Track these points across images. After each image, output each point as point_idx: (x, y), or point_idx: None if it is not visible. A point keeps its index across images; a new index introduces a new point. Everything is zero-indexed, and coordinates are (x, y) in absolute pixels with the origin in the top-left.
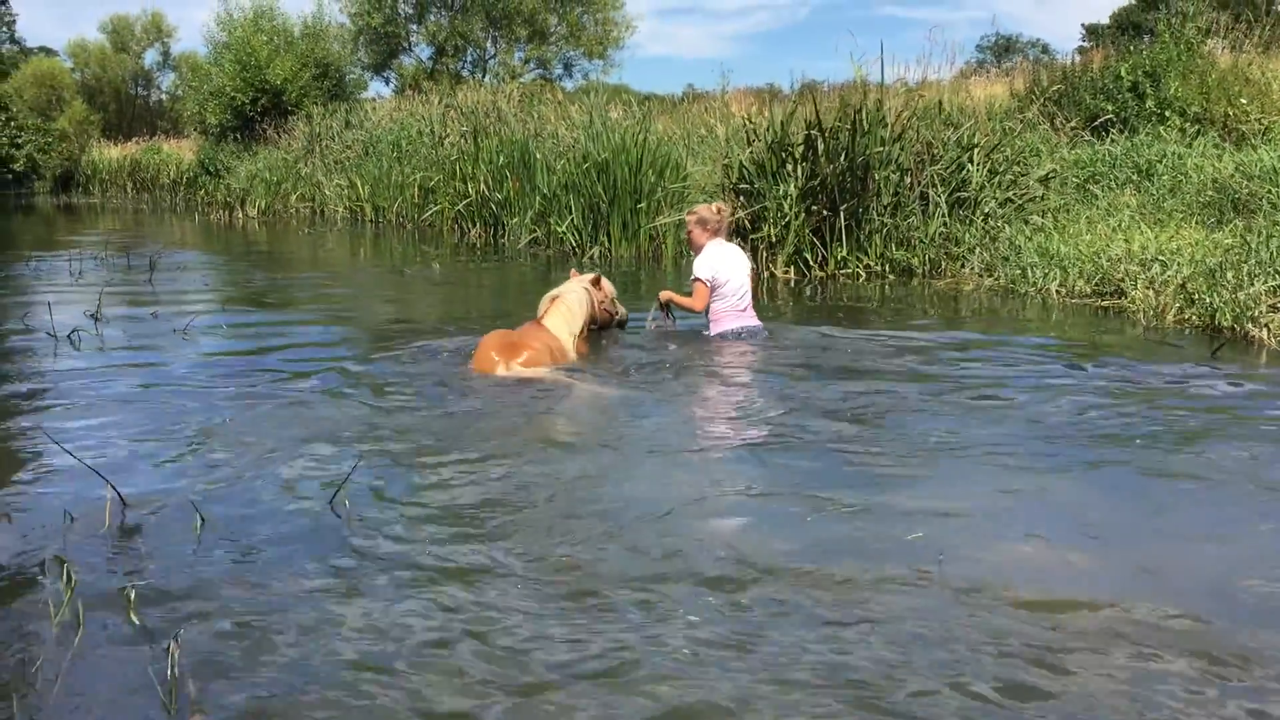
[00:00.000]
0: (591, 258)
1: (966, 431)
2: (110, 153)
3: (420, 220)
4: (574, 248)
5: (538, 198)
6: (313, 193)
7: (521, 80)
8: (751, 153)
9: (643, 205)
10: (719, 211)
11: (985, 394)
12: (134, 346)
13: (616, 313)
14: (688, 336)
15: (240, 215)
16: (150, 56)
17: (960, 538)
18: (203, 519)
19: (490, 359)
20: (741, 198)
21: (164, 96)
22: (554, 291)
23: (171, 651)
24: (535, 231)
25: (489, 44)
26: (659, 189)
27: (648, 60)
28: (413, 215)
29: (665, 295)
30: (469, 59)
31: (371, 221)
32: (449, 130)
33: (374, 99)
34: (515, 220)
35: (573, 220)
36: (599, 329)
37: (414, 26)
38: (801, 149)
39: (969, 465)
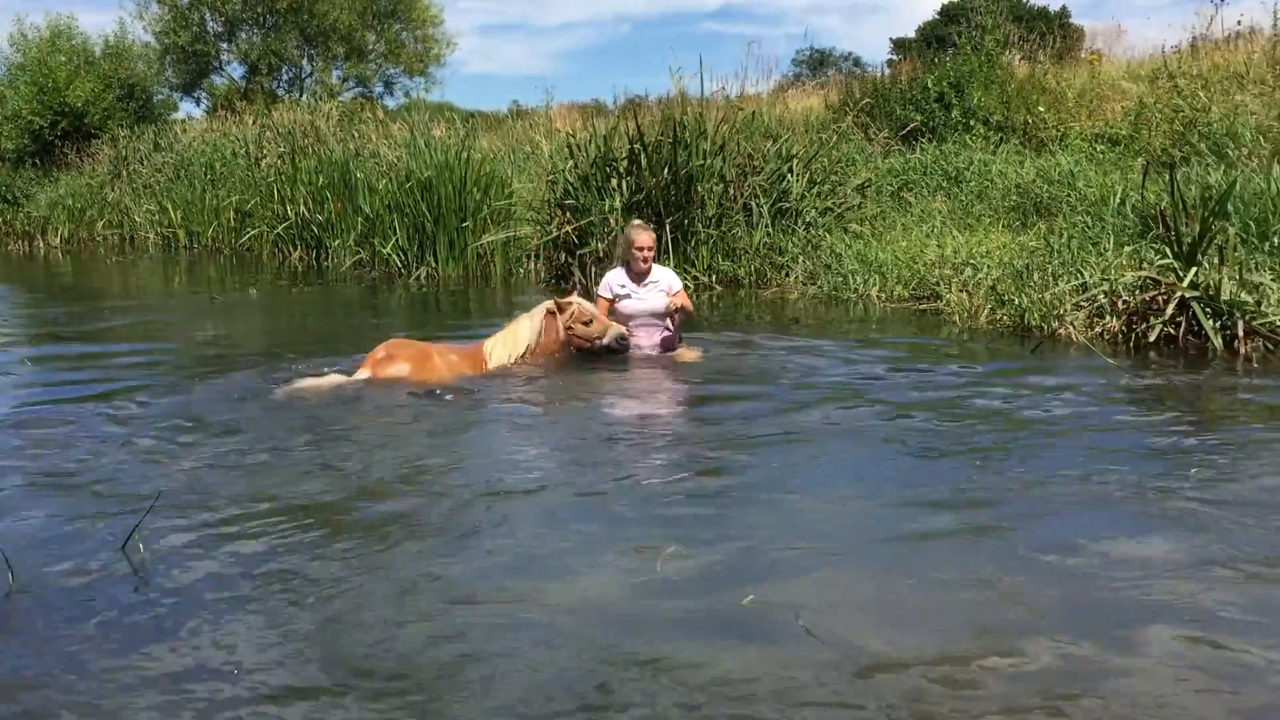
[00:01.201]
0: (418, 279)
1: (791, 458)
2: None
3: (238, 245)
4: (400, 269)
5: (360, 219)
6: (120, 219)
7: (340, 99)
8: (576, 168)
9: (469, 224)
10: None
11: (810, 412)
12: None
13: (598, 337)
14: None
15: (42, 245)
16: None
17: (804, 586)
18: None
19: (371, 360)
20: (567, 213)
21: None
22: (520, 314)
23: None
24: (359, 253)
25: (305, 62)
26: (485, 207)
27: (472, 77)
28: (229, 240)
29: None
30: (284, 77)
31: (186, 248)
32: (265, 151)
33: (185, 120)
34: (338, 242)
35: (397, 241)
36: (588, 352)
37: (224, 44)
38: (625, 163)
39: (796, 498)
